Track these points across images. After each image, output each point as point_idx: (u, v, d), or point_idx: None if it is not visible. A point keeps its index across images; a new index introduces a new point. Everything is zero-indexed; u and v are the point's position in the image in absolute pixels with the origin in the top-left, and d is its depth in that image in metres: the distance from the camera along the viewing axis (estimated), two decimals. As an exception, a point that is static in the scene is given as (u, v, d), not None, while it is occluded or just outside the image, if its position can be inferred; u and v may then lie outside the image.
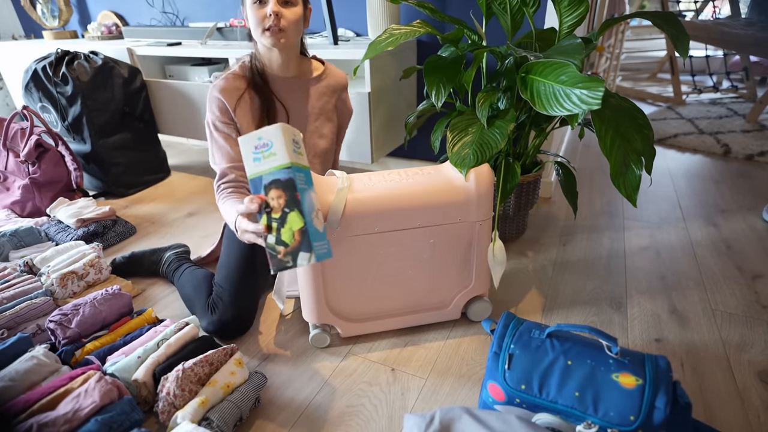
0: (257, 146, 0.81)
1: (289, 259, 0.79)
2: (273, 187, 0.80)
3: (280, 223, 0.79)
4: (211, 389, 0.89)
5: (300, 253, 0.78)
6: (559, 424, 0.76)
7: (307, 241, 0.78)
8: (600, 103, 0.89)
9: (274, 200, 0.80)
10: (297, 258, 0.78)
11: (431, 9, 1.22)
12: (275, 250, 0.79)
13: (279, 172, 0.80)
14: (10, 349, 0.97)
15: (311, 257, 0.78)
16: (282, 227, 0.79)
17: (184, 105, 1.97)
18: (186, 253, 1.39)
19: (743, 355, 1.04)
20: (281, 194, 0.80)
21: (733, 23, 2.97)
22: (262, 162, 0.81)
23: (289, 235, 0.79)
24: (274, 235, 0.80)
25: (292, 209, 0.79)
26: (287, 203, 0.79)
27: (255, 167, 0.81)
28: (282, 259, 0.79)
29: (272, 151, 0.80)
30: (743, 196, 1.78)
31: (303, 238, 0.78)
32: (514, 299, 1.25)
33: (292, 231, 0.79)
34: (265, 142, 0.81)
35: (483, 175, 1.01)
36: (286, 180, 0.80)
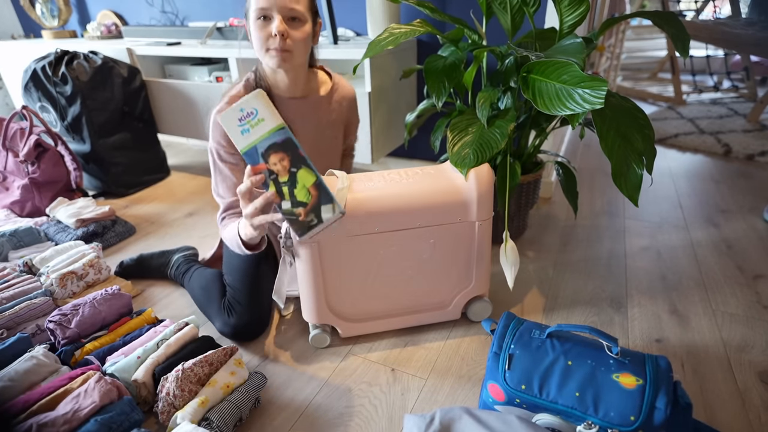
0: (241, 118, 0.77)
1: (312, 217, 0.75)
2: (272, 151, 0.76)
3: (290, 185, 0.76)
4: (210, 389, 0.88)
5: (322, 206, 0.75)
6: (559, 424, 0.76)
7: (326, 193, 0.75)
8: (603, 102, 0.89)
9: (277, 164, 0.76)
10: (320, 213, 0.75)
11: (431, 8, 1.21)
12: (294, 214, 0.75)
13: (273, 136, 0.76)
14: (9, 349, 0.97)
15: (334, 208, 0.74)
16: (294, 188, 0.75)
17: (183, 105, 1.97)
18: (194, 256, 1.39)
19: (744, 356, 1.03)
20: (283, 156, 0.76)
21: (734, 23, 2.97)
22: (251, 132, 0.77)
23: (305, 193, 0.75)
24: (288, 199, 0.76)
25: (299, 167, 0.75)
26: (292, 163, 0.76)
27: (245, 139, 0.77)
28: (305, 220, 0.75)
29: (259, 118, 0.77)
30: (744, 196, 1.78)
31: (320, 191, 0.75)
32: (514, 299, 1.25)
33: (306, 188, 0.75)
34: (249, 111, 0.77)
35: (483, 175, 1.01)
36: (283, 141, 0.76)
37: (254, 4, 0.96)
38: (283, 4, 0.94)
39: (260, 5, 0.95)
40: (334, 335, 1.13)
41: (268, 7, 0.94)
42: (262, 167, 0.76)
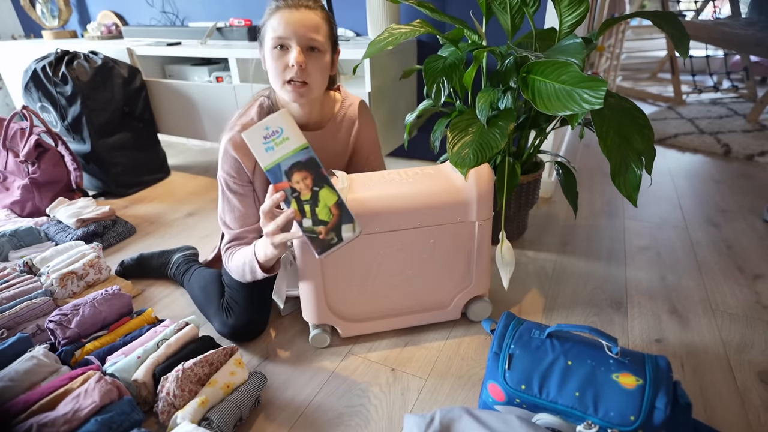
0: (266, 136, 0.78)
1: (332, 236, 0.76)
2: (295, 170, 0.77)
3: (312, 203, 0.77)
4: (211, 389, 0.89)
5: (342, 226, 0.76)
6: (559, 424, 0.76)
7: (347, 213, 0.76)
8: (602, 102, 0.89)
9: (300, 183, 0.77)
10: (341, 232, 0.76)
11: (431, 8, 1.21)
12: (315, 232, 0.77)
13: (298, 155, 0.78)
14: (9, 349, 0.97)
15: (355, 227, 0.76)
16: (316, 207, 0.77)
17: (184, 105, 1.97)
18: (194, 256, 1.39)
19: (744, 356, 1.03)
20: (306, 175, 0.77)
21: (734, 23, 2.97)
22: (276, 150, 0.78)
23: (326, 212, 0.77)
24: (309, 217, 0.77)
25: (322, 186, 0.77)
26: (315, 182, 0.77)
27: (269, 157, 0.78)
28: (325, 238, 0.76)
29: (284, 137, 0.78)
30: (744, 196, 1.78)
31: (341, 211, 0.77)
32: (514, 299, 1.25)
33: (327, 207, 0.77)
34: (274, 129, 0.78)
35: (483, 175, 1.01)
36: (307, 160, 0.77)
37: (271, 32, 0.91)
38: (303, 33, 0.89)
39: (278, 33, 0.90)
40: (334, 335, 1.13)
41: (286, 36, 0.89)
42: (285, 185, 0.78)
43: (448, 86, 1.17)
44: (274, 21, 0.90)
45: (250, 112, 1.03)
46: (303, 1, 0.91)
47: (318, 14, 0.92)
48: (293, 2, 0.90)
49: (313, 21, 0.91)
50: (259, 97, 1.06)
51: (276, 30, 0.90)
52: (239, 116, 1.04)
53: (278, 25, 0.89)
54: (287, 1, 0.90)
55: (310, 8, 0.91)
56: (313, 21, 0.91)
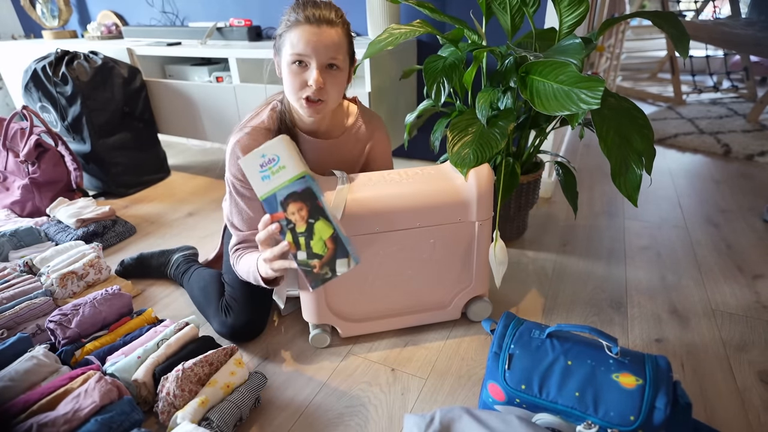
0: (263, 164, 0.76)
1: (326, 270, 0.74)
2: (291, 200, 0.75)
3: (307, 236, 0.75)
4: (211, 389, 0.89)
5: (337, 260, 0.74)
6: (559, 424, 0.76)
7: (342, 247, 0.74)
8: (599, 102, 0.89)
9: (295, 214, 0.75)
10: (335, 266, 0.74)
11: (431, 9, 1.21)
12: (309, 266, 0.74)
13: (294, 185, 0.75)
14: (9, 349, 0.97)
15: (350, 262, 0.73)
16: (311, 240, 0.74)
17: (184, 105, 1.97)
18: (194, 256, 1.39)
19: (743, 356, 1.03)
20: (301, 206, 0.75)
21: (734, 23, 2.97)
22: (272, 179, 0.76)
23: (321, 246, 0.74)
24: (304, 250, 0.75)
25: (317, 218, 0.74)
26: (310, 213, 0.75)
27: (265, 186, 0.76)
28: (319, 272, 0.74)
29: (281, 165, 0.76)
30: (744, 196, 1.78)
31: (336, 245, 0.74)
32: (514, 299, 1.25)
33: (322, 240, 0.74)
34: (271, 157, 0.76)
35: (483, 175, 1.01)
36: (303, 190, 0.75)
37: (290, 47, 0.88)
38: (324, 52, 0.87)
39: (297, 50, 0.87)
40: (334, 335, 1.13)
41: (306, 54, 0.87)
42: (279, 216, 0.76)
43: (448, 86, 1.17)
44: (294, 36, 0.87)
45: (261, 115, 1.02)
46: (325, 16, 0.87)
47: (339, 31, 0.89)
48: (315, 18, 0.86)
49: (334, 39, 0.88)
50: (272, 101, 1.04)
51: (295, 46, 0.87)
52: (250, 118, 1.02)
53: (298, 41, 0.87)
54: (309, 17, 0.86)
55: (332, 24, 0.88)
56: (334, 39, 0.88)
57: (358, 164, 1.13)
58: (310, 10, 0.87)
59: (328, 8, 0.89)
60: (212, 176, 2.15)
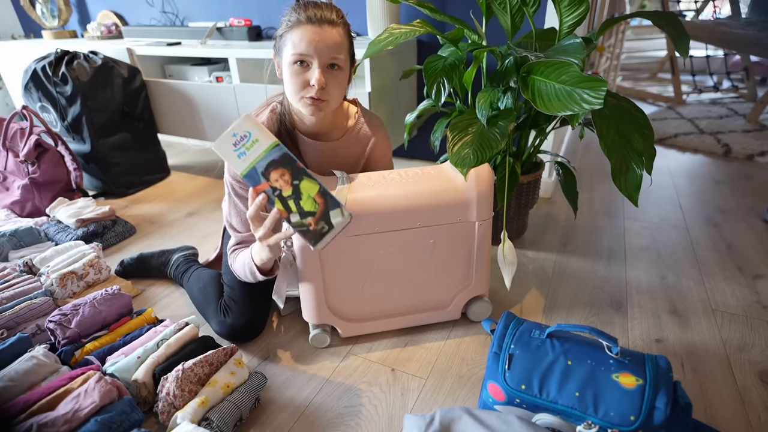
0: (236, 143, 0.78)
1: (322, 224, 0.75)
2: (271, 169, 0.77)
3: (295, 197, 0.76)
4: (211, 389, 0.89)
5: (330, 212, 0.75)
6: (559, 424, 0.76)
7: (332, 199, 0.75)
8: (602, 102, 0.89)
9: (279, 180, 0.77)
10: (330, 218, 0.75)
11: (431, 8, 1.21)
12: (304, 225, 0.76)
13: (270, 154, 0.77)
14: (9, 349, 0.97)
15: (344, 211, 0.74)
16: (300, 199, 0.76)
17: (183, 105, 1.97)
18: (194, 256, 1.39)
19: (744, 356, 1.03)
20: (283, 171, 0.77)
21: (734, 23, 2.97)
22: (248, 154, 0.77)
23: (311, 203, 0.76)
24: (296, 211, 0.76)
25: (301, 178, 0.76)
26: (293, 176, 0.77)
27: (243, 162, 0.77)
28: (315, 228, 0.75)
29: (253, 139, 0.78)
30: (744, 196, 1.78)
31: (326, 198, 0.76)
32: (514, 299, 1.25)
33: (311, 197, 0.76)
34: (243, 134, 0.78)
35: (483, 175, 1.01)
36: (281, 156, 0.77)
37: (291, 47, 0.88)
38: (325, 52, 0.87)
39: (299, 50, 0.87)
40: (334, 335, 1.13)
41: (307, 54, 0.87)
42: (264, 186, 0.77)
43: (448, 86, 1.17)
44: (295, 36, 0.87)
45: (260, 117, 1.02)
46: (326, 16, 0.87)
47: (340, 31, 0.89)
48: (317, 18, 0.86)
49: (336, 39, 0.88)
50: (271, 102, 1.05)
51: (297, 46, 0.87)
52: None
53: (299, 41, 0.87)
54: (310, 17, 0.86)
55: (334, 24, 0.88)
56: (336, 39, 0.88)
57: (358, 166, 1.13)
58: (311, 10, 0.87)
59: (329, 9, 0.89)
60: (212, 176, 2.15)
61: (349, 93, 1.15)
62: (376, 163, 1.15)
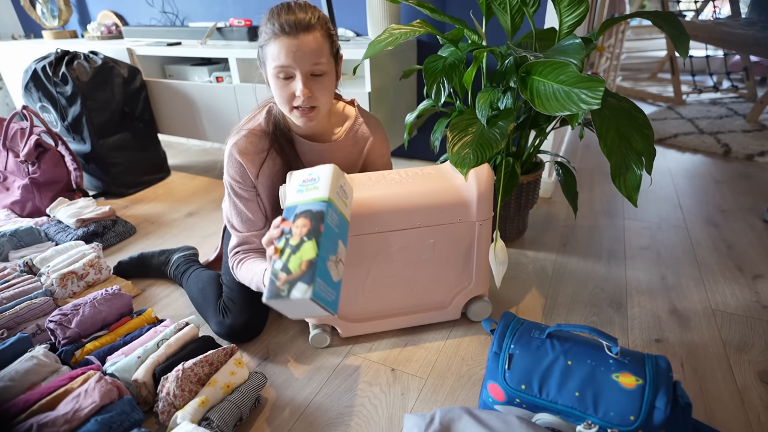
0: (305, 180, 0.82)
1: (285, 288, 0.71)
2: (302, 215, 0.77)
3: (293, 250, 0.75)
4: (211, 389, 0.89)
5: (298, 283, 0.70)
6: (559, 424, 0.76)
7: (311, 274, 0.71)
8: (600, 103, 0.89)
9: (298, 228, 0.76)
10: (293, 288, 0.70)
11: (431, 9, 1.21)
12: (276, 276, 0.73)
13: (314, 204, 0.78)
14: (9, 349, 0.97)
15: (308, 290, 0.69)
16: (293, 254, 0.74)
17: (184, 105, 1.97)
18: (194, 256, 1.39)
19: (743, 356, 1.03)
20: (306, 223, 0.76)
21: (734, 23, 2.97)
22: (303, 193, 0.80)
23: (297, 264, 0.73)
24: (283, 260, 0.74)
25: (311, 239, 0.74)
26: (309, 232, 0.75)
27: (295, 198, 0.81)
28: (278, 286, 0.71)
29: (316, 185, 0.80)
30: (744, 196, 1.78)
31: (308, 269, 0.72)
32: (514, 299, 1.25)
33: (301, 260, 0.73)
34: (314, 177, 0.81)
35: (483, 175, 1.01)
36: (317, 211, 0.77)
37: (272, 60, 0.87)
38: (305, 60, 0.87)
39: (279, 62, 0.87)
40: (334, 335, 1.13)
41: (288, 65, 0.87)
42: (288, 224, 0.78)
43: (448, 86, 1.17)
44: (274, 48, 0.87)
45: (258, 118, 1.02)
46: (301, 23, 0.85)
47: (317, 34, 0.87)
48: (290, 28, 0.85)
49: (313, 46, 0.87)
50: (267, 104, 1.05)
51: (276, 59, 0.87)
52: (247, 121, 1.03)
53: (278, 54, 0.86)
54: (284, 27, 0.85)
55: (309, 30, 0.86)
56: (313, 46, 0.87)
57: (356, 166, 1.13)
58: (284, 17, 0.85)
59: (302, 10, 0.87)
60: (212, 176, 2.15)
61: (349, 93, 1.15)
62: (374, 163, 1.15)
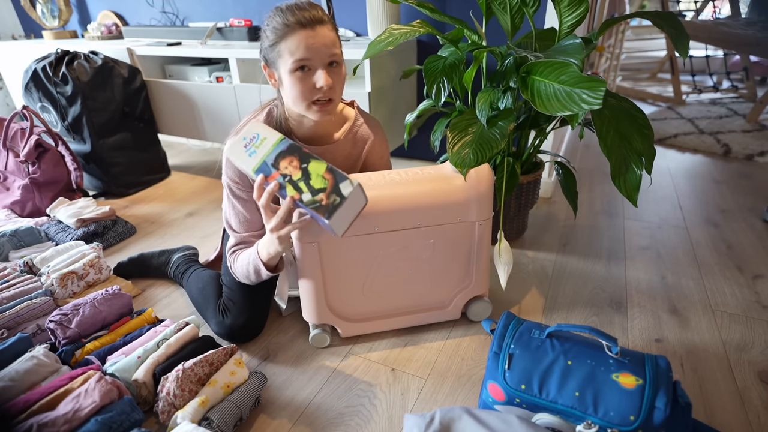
0: (246, 144, 0.84)
1: (334, 197, 0.78)
2: (280, 159, 0.82)
3: (304, 178, 0.80)
4: (211, 389, 0.89)
5: (339, 185, 0.78)
6: (559, 424, 0.76)
7: (338, 173, 0.79)
8: (601, 102, 0.89)
9: (288, 167, 0.81)
10: (340, 190, 0.78)
11: (431, 9, 1.21)
12: (316, 201, 0.78)
13: (278, 147, 0.82)
14: (9, 349, 0.97)
15: (352, 181, 0.77)
16: (309, 180, 0.80)
17: (184, 105, 1.97)
18: (194, 256, 1.39)
19: (743, 355, 1.03)
20: (291, 158, 0.81)
21: (734, 23, 2.97)
22: (258, 152, 0.83)
23: (320, 180, 0.79)
24: (307, 191, 0.79)
25: (309, 161, 0.81)
26: (301, 160, 0.81)
27: (254, 159, 0.83)
28: (328, 202, 0.78)
29: (262, 138, 0.84)
30: (743, 196, 1.78)
31: (333, 173, 0.79)
32: (514, 299, 1.25)
33: (320, 175, 0.79)
34: (252, 136, 0.84)
35: (483, 175, 1.01)
36: (288, 147, 0.82)
37: (289, 55, 0.86)
38: (325, 52, 0.86)
39: (300, 55, 0.85)
40: (334, 335, 1.13)
41: (309, 57, 0.86)
42: (275, 175, 0.81)
43: (448, 86, 1.17)
44: (291, 43, 0.85)
45: (258, 119, 1.02)
46: (315, 16, 0.86)
47: (330, 27, 0.88)
48: (306, 20, 0.85)
49: (330, 37, 0.87)
50: (268, 105, 1.04)
51: (295, 53, 0.85)
52: (246, 122, 1.02)
53: (296, 48, 0.85)
54: (300, 21, 0.84)
55: (323, 23, 0.87)
56: (330, 37, 0.87)
57: (356, 167, 1.13)
58: (298, 13, 0.85)
59: (312, 7, 0.88)
60: (212, 176, 2.15)
61: (349, 93, 1.15)
62: (373, 164, 1.15)
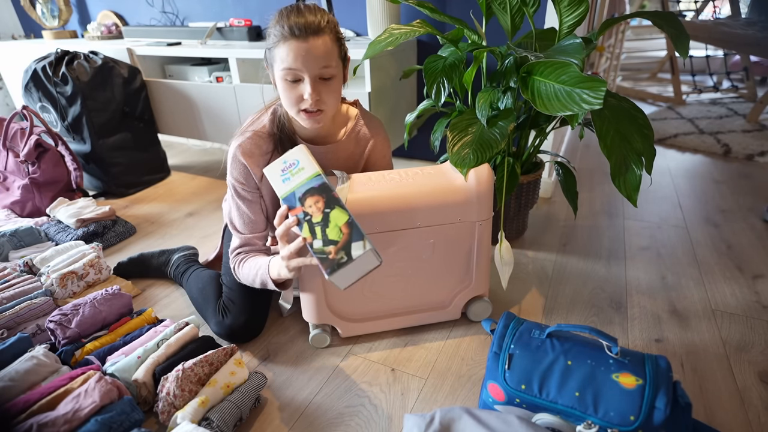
0: (284, 168, 0.83)
1: (342, 254, 0.75)
2: (308, 195, 0.79)
3: (323, 224, 0.77)
4: (211, 389, 0.89)
5: (352, 244, 0.75)
6: (559, 424, 0.76)
7: (357, 231, 0.76)
8: (602, 102, 0.89)
9: (312, 206, 0.79)
10: (350, 250, 0.75)
11: (431, 9, 1.21)
12: (324, 252, 0.76)
13: (311, 182, 0.80)
14: (9, 349, 0.97)
15: (365, 244, 0.74)
16: (326, 227, 0.77)
17: (184, 105, 1.97)
18: (194, 256, 1.39)
19: (743, 356, 1.03)
20: (318, 198, 0.79)
21: (734, 23, 2.97)
22: (291, 179, 0.82)
23: (336, 232, 0.76)
24: (320, 238, 0.77)
25: (333, 207, 0.78)
26: (326, 204, 0.78)
27: (285, 186, 0.81)
28: (335, 258, 0.75)
29: (300, 167, 0.82)
30: (743, 196, 1.78)
31: (351, 229, 0.76)
32: (514, 299, 1.25)
33: (338, 227, 0.77)
34: (291, 162, 0.83)
35: (483, 175, 1.01)
36: (320, 185, 0.80)
37: (280, 62, 0.86)
38: (314, 64, 0.86)
39: (287, 65, 0.86)
40: (334, 335, 1.13)
41: (297, 68, 0.86)
42: (298, 210, 0.80)
43: (448, 86, 1.17)
44: (282, 51, 0.86)
45: (262, 119, 1.02)
46: (311, 27, 0.84)
47: (326, 38, 0.86)
48: (300, 32, 0.84)
49: (323, 49, 0.86)
50: (272, 105, 1.04)
51: (285, 61, 0.86)
52: (251, 122, 1.02)
53: (287, 56, 0.85)
54: (293, 30, 0.84)
55: (319, 34, 0.85)
56: (323, 49, 0.86)
57: (357, 167, 1.13)
58: (293, 19, 0.85)
59: (312, 13, 0.86)
60: (212, 176, 2.15)
61: (349, 93, 1.15)
62: (375, 164, 1.15)
